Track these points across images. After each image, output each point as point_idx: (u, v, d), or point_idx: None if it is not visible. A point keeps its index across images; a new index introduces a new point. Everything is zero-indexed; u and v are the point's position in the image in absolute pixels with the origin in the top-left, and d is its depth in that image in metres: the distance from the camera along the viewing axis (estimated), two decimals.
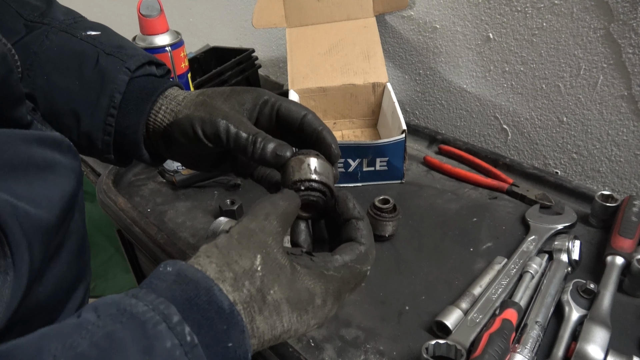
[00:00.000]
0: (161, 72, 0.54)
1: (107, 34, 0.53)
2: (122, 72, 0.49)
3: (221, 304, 0.32)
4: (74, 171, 0.44)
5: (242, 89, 0.49)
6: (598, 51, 0.77)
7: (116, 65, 0.50)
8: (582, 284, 0.58)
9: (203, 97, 0.48)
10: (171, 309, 0.30)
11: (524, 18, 0.84)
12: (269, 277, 0.35)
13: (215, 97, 0.48)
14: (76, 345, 0.27)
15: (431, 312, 0.60)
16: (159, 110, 0.50)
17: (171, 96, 0.50)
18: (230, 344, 0.32)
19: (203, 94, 0.49)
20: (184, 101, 0.49)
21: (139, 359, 0.28)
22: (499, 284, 0.60)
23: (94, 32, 0.52)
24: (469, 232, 0.73)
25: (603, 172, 0.85)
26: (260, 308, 0.34)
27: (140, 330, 0.29)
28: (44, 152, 0.40)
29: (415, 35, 1.02)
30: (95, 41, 0.51)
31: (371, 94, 0.97)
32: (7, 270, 0.31)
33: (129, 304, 0.30)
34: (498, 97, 0.94)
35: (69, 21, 0.53)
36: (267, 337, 0.35)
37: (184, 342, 0.29)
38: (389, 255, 0.70)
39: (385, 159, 0.82)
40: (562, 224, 0.70)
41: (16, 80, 0.40)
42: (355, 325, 0.60)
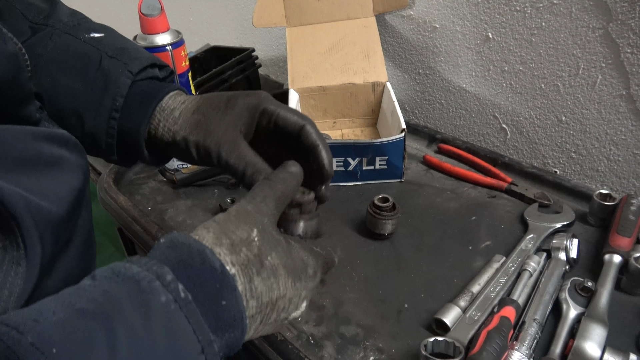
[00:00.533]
0: (164, 74, 0.54)
1: (111, 35, 0.54)
2: (125, 75, 0.50)
3: (213, 264, 0.33)
4: (81, 168, 0.44)
5: (241, 97, 0.48)
6: (597, 51, 0.78)
7: (119, 68, 0.50)
8: (580, 282, 0.59)
9: (198, 115, 0.48)
10: (164, 269, 0.31)
11: (523, 18, 0.84)
12: (266, 246, 0.37)
13: (211, 115, 0.47)
14: (74, 302, 0.28)
15: (430, 309, 0.60)
16: (157, 125, 0.50)
17: (169, 109, 0.50)
18: (223, 302, 0.33)
19: (198, 111, 0.48)
20: (180, 119, 0.49)
21: (135, 311, 0.29)
22: (497, 282, 0.61)
23: (97, 34, 0.53)
24: (468, 231, 0.74)
25: (601, 171, 0.86)
26: (258, 270, 0.36)
27: (136, 287, 0.30)
28: (52, 149, 0.41)
29: (414, 34, 1.02)
30: (98, 43, 0.51)
31: (371, 93, 0.98)
32: (20, 262, 0.32)
33: (123, 266, 0.31)
34: (497, 96, 0.94)
35: (73, 23, 0.53)
36: (265, 299, 0.36)
37: (178, 297, 0.30)
38: (389, 254, 0.71)
39: (385, 158, 0.82)
40: (561, 223, 0.70)
41: (26, 79, 0.41)
42: (355, 322, 0.60)
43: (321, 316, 0.61)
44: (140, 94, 0.50)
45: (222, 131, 0.46)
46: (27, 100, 0.42)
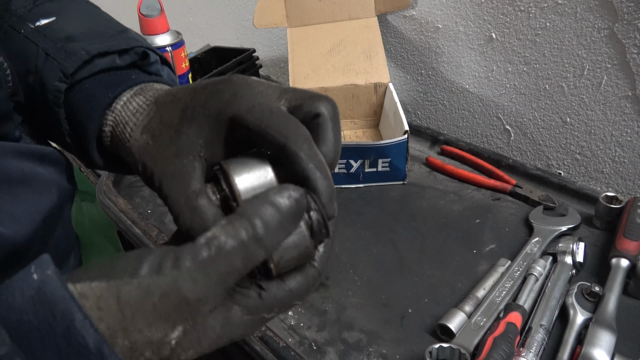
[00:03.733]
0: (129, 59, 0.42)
1: (62, 19, 0.44)
2: (57, 79, 0.40)
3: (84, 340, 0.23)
4: (57, 185, 0.40)
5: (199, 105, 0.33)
6: (602, 51, 0.77)
7: (52, 70, 0.40)
8: (587, 287, 0.58)
9: (147, 136, 0.35)
10: None
11: (527, 18, 0.83)
12: (185, 345, 0.27)
13: (161, 135, 0.34)
14: None
15: (434, 315, 0.59)
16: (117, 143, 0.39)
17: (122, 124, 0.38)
18: None
19: (147, 130, 0.36)
20: (131, 140, 0.37)
21: None
22: (502, 287, 0.60)
23: (45, 19, 0.43)
24: (472, 234, 0.73)
25: (607, 173, 0.85)
26: None
27: None
28: (21, 165, 0.37)
29: (417, 35, 1.01)
30: (39, 36, 0.42)
31: (373, 94, 0.97)
32: None
33: None
34: (501, 97, 0.93)
35: (26, 8, 0.44)
36: None
37: None
38: (392, 258, 0.70)
39: (388, 160, 0.81)
40: (566, 226, 0.69)
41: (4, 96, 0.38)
42: (358, 328, 0.59)
43: (324, 321, 0.60)
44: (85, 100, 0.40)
45: (169, 160, 0.33)
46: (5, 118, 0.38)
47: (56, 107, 0.40)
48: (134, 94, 0.39)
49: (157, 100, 0.37)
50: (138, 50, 0.43)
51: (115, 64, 0.41)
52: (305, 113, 0.33)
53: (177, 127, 0.34)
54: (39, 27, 0.42)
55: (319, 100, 0.33)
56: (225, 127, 0.33)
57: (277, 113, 0.31)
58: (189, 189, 0.31)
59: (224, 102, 0.32)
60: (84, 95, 0.40)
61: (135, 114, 0.38)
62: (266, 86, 0.34)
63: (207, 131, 0.33)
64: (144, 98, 0.38)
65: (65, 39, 0.41)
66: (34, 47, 0.41)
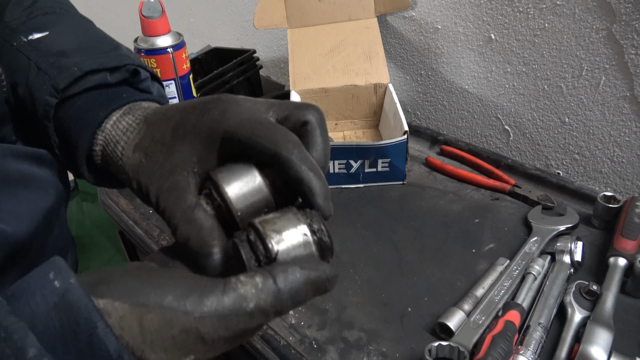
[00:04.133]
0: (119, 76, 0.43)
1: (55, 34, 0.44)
2: (48, 93, 0.40)
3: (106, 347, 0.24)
4: (54, 186, 0.41)
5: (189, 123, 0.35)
6: (600, 52, 0.77)
7: (43, 84, 0.40)
8: (585, 286, 0.58)
9: (140, 154, 0.36)
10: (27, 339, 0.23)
11: (526, 19, 0.83)
12: None
13: (154, 153, 0.35)
14: None
15: (434, 313, 0.60)
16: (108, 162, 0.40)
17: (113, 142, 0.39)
18: None
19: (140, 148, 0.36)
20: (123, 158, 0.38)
21: None
22: (501, 286, 0.60)
23: (39, 34, 0.43)
24: (471, 234, 0.73)
25: (605, 173, 0.85)
26: None
27: None
28: (19, 166, 0.38)
29: (416, 35, 1.02)
30: (32, 50, 0.42)
31: (373, 95, 0.97)
32: None
33: None
34: (500, 97, 0.94)
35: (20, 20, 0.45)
36: None
37: None
38: (392, 257, 0.70)
39: (387, 160, 0.82)
40: (565, 225, 0.70)
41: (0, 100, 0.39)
42: (358, 327, 0.60)
43: (324, 320, 0.61)
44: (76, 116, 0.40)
45: (164, 176, 0.34)
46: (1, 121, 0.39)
47: (46, 120, 0.40)
48: (123, 114, 0.40)
49: (147, 119, 0.38)
50: (129, 67, 0.43)
51: (107, 81, 0.42)
52: (294, 122, 0.34)
53: (170, 145, 0.35)
54: (31, 40, 0.43)
55: (306, 109, 0.35)
56: (217, 143, 0.34)
57: (266, 124, 0.33)
58: (185, 204, 0.32)
59: (214, 120, 0.34)
60: (75, 112, 0.41)
61: (126, 132, 0.38)
62: (253, 102, 0.35)
63: (199, 148, 0.34)
64: (133, 117, 0.39)
65: (57, 54, 0.42)
66: (25, 60, 0.42)
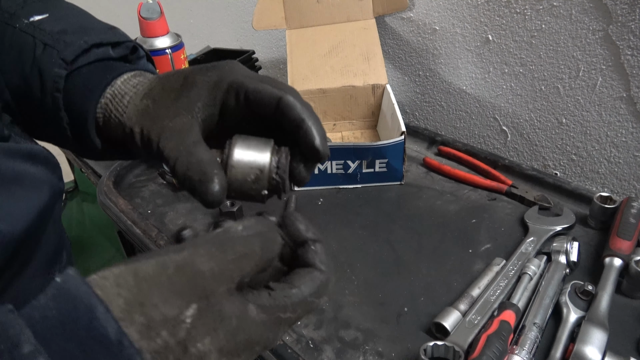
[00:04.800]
0: (121, 52, 0.45)
1: (56, 15, 0.46)
2: (57, 65, 0.42)
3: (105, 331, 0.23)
4: (48, 183, 0.42)
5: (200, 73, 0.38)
6: (597, 53, 0.77)
7: (52, 58, 0.42)
8: (580, 286, 0.58)
9: (147, 101, 0.39)
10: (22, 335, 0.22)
11: (523, 20, 0.84)
12: (201, 329, 0.26)
13: (162, 100, 0.38)
14: None
15: (430, 313, 0.60)
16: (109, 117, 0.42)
17: (119, 96, 0.41)
18: None
19: (149, 96, 0.39)
20: (129, 107, 0.40)
21: None
22: (497, 286, 0.61)
23: (39, 16, 0.45)
24: (468, 234, 0.73)
25: (602, 173, 0.85)
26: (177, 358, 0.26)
27: None
28: (13, 164, 0.38)
29: (414, 36, 1.02)
30: (35, 29, 0.44)
31: (371, 96, 0.98)
32: None
33: None
34: (497, 98, 0.94)
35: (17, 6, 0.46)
36: None
37: None
38: (388, 257, 0.70)
39: (385, 161, 0.82)
40: (561, 226, 0.70)
41: None
42: (355, 326, 0.60)
43: (320, 320, 0.61)
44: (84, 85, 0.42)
45: (169, 118, 0.36)
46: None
47: (56, 92, 0.41)
48: (134, 75, 0.43)
49: (160, 76, 0.41)
50: (129, 44, 0.46)
51: (110, 55, 0.44)
52: None
53: (179, 92, 0.37)
54: (33, 22, 0.44)
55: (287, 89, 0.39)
56: (222, 93, 0.37)
57: (271, 78, 0.38)
58: (187, 140, 0.34)
59: (223, 72, 0.38)
60: (83, 79, 0.42)
61: (136, 86, 0.41)
62: None
63: (205, 95, 0.37)
64: (144, 78, 0.42)
65: (60, 32, 0.43)
66: (30, 39, 0.43)
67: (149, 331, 0.25)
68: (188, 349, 0.26)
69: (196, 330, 0.26)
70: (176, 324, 0.25)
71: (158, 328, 0.25)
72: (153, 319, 0.25)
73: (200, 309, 0.26)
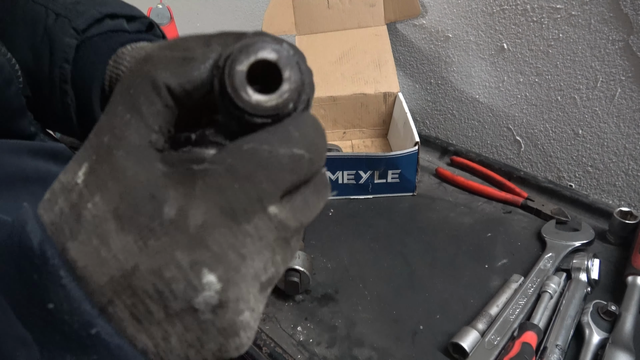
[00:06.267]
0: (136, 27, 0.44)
1: None
2: (69, 35, 0.40)
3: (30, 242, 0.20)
4: None
5: None
6: (616, 63, 0.76)
7: (63, 28, 0.41)
8: (603, 306, 0.57)
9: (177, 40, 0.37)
10: None
11: (540, 29, 0.82)
12: (91, 187, 0.21)
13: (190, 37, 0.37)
14: None
15: (446, 331, 0.58)
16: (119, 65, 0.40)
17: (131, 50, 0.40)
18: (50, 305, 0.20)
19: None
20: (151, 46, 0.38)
21: None
22: (516, 304, 0.59)
23: None
24: (484, 248, 0.71)
25: (619, 186, 0.83)
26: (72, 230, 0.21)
27: None
28: (37, 163, 0.38)
29: (427, 44, 1.00)
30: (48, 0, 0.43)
31: (382, 104, 0.96)
32: None
33: None
34: (511, 108, 0.92)
35: None
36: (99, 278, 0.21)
37: None
38: (402, 271, 0.69)
39: (398, 171, 0.80)
40: (580, 241, 0.68)
41: (16, 91, 0.38)
42: (369, 344, 0.58)
43: (333, 337, 0.59)
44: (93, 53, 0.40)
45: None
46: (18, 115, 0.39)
47: (65, 63, 0.40)
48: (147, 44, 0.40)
49: None
50: (145, 20, 0.44)
51: (124, 28, 0.42)
52: None
53: None
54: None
55: None
56: None
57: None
58: None
59: None
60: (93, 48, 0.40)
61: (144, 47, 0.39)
62: None
63: None
64: None
65: (73, 3, 0.42)
66: (42, 9, 0.42)
67: (50, 202, 0.22)
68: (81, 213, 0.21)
69: (87, 189, 0.21)
70: (71, 188, 0.22)
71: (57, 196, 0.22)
72: (54, 191, 0.22)
73: (91, 165, 0.21)
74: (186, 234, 0.20)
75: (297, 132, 0.21)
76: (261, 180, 0.20)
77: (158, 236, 0.20)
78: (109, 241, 0.20)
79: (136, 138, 0.21)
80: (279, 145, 0.20)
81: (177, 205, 0.20)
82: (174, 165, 0.21)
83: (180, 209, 0.20)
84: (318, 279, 0.68)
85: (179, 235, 0.20)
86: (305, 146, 0.21)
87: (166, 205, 0.20)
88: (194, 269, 0.20)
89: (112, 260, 0.20)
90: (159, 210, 0.20)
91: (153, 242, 0.20)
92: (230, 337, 0.21)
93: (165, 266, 0.20)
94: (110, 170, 0.21)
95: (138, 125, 0.21)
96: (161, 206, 0.20)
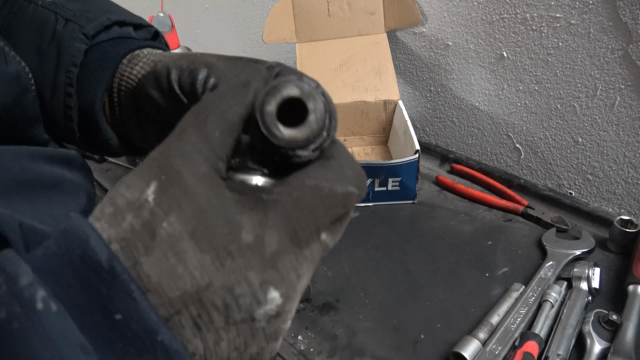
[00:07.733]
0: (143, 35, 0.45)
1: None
2: (78, 40, 0.41)
3: (97, 257, 0.21)
4: (84, 189, 0.41)
5: None
6: (616, 72, 0.76)
7: (73, 33, 0.41)
8: (604, 315, 0.57)
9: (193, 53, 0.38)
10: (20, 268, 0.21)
11: (539, 37, 0.82)
12: (164, 205, 0.23)
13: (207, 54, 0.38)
14: None
15: (448, 341, 0.58)
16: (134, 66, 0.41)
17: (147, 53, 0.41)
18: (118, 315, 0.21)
19: None
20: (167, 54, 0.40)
21: None
22: (517, 313, 0.59)
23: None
24: (484, 256, 0.71)
25: (619, 194, 0.84)
26: (146, 246, 0.22)
27: None
28: (52, 169, 0.38)
29: (427, 52, 1.01)
30: (57, 7, 0.43)
31: (382, 111, 0.96)
32: None
33: None
34: (511, 115, 0.93)
35: None
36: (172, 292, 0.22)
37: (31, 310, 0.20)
38: (403, 279, 0.69)
39: (398, 179, 0.80)
40: (581, 250, 0.68)
41: (32, 99, 0.39)
42: (370, 354, 0.58)
43: (334, 346, 0.59)
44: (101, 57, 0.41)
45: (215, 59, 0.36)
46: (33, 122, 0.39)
47: (72, 67, 0.41)
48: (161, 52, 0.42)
49: None
50: (151, 29, 0.46)
51: (131, 35, 0.44)
52: None
53: None
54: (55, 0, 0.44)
55: None
56: None
57: None
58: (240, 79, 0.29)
59: None
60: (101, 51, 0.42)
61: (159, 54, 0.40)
62: None
63: None
64: None
65: (83, 10, 0.43)
66: (52, 15, 0.43)
67: (115, 218, 0.23)
68: (155, 232, 0.23)
69: (160, 208, 0.23)
70: (139, 205, 0.23)
71: (123, 212, 0.23)
72: (119, 206, 0.23)
73: (161, 185, 0.23)
74: (262, 258, 0.23)
75: (350, 170, 0.25)
76: (322, 213, 0.24)
77: (234, 257, 0.23)
78: (185, 259, 0.22)
79: (206, 167, 0.23)
80: (337, 183, 0.24)
81: (254, 232, 0.23)
82: (241, 193, 0.24)
83: (257, 236, 0.23)
84: (319, 287, 0.68)
85: (254, 258, 0.23)
86: (357, 184, 0.25)
87: (243, 231, 0.23)
88: (263, 287, 0.23)
89: (187, 277, 0.22)
90: (236, 234, 0.23)
91: (230, 262, 0.23)
92: (272, 342, 0.24)
93: (238, 284, 0.23)
94: (183, 193, 0.23)
95: (208, 155, 0.24)
96: (239, 231, 0.23)
